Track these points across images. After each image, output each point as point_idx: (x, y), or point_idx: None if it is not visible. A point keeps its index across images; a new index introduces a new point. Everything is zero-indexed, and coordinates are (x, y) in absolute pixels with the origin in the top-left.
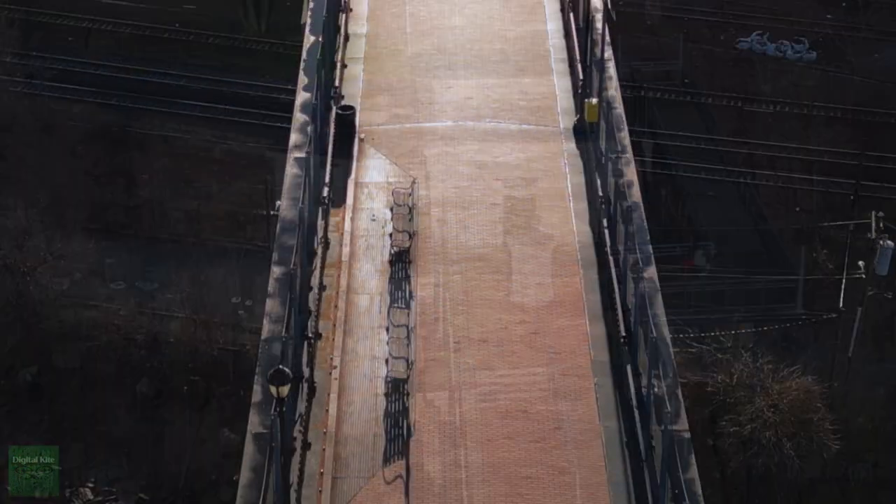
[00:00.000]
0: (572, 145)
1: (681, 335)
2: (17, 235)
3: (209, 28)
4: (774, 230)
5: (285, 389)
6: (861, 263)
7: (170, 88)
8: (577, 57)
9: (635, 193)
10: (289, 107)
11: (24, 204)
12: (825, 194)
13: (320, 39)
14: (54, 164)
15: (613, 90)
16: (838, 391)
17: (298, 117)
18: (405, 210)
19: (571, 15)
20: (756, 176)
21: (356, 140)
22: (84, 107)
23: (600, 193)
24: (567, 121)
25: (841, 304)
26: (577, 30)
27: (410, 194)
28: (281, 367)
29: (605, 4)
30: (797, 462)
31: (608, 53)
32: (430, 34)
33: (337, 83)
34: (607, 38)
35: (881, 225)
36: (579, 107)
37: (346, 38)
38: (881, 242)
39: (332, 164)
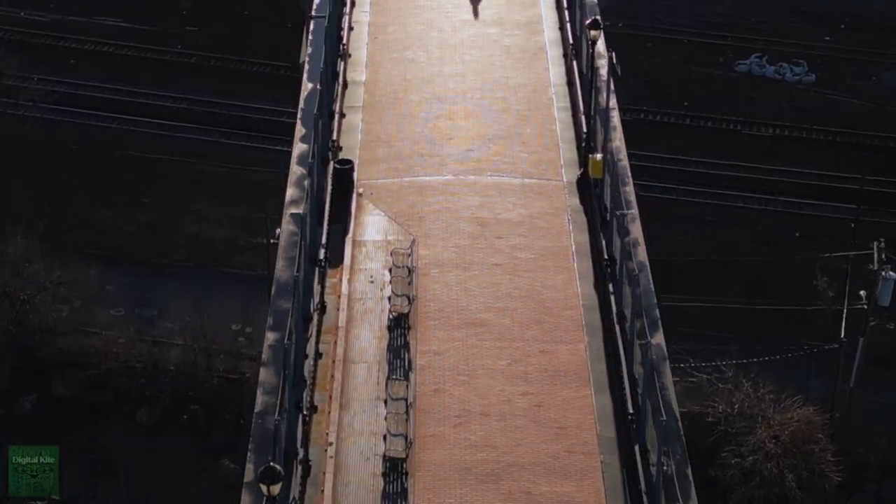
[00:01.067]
0: (576, 200)
1: (681, 364)
2: (17, 262)
3: (211, 50)
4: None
5: (276, 488)
6: (862, 293)
7: (171, 111)
8: (581, 106)
9: (641, 253)
10: (289, 129)
11: (24, 230)
12: (826, 219)
13: (318, 87)
14: (55, 187)
15: (618, 141)
16: (840, 421)
17: (295, 170)
18: (404, 272)
19: (574, 62)
20: (755, 200)
21: (354, 195)
22: (85, 129)
23: (605, 256)
24: (570, 174)
25: (842, 334)
26: (580, 76)
27: (410, 255)
28: (272, 464)
29: (611, 60)
30: (799, 494)
31: (612, 102)
32: (431, 81)
33: (335, 135)
34: (612, 86)
35: (883, 256)
36: (583, 160)
37: (345, 85)
38: (883, 273)
39: (330, 222)
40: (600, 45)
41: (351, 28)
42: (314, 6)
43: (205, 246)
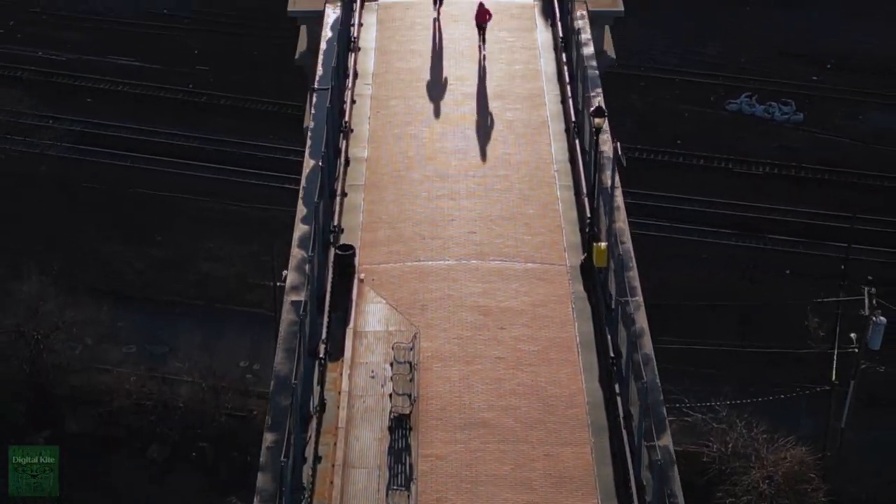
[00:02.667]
0: (580, 286)
1: (677, 405)
2: (31, 302)
3: (221, 89)
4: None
5: None
6: (853, 335)
7: (182, 149)
8: (584, 185)
9: (647, 344)
10: (297, 168)
11: (38, 270)
12: (815, 257)
13: (320, 164)
14: (69, 225)
15: (622, 222)
16: (831, 461)
17: (296, 253)
18: (406, 368)
19: (576, 139)
20: (746, 238)
21: (355, 281)
22: (99, 168)
23: (611, 354)
24: (574, 257)
25: (833, 377)
26: (583, 153)
27: (411, 349)
28: None
29: (615, 151)
30: None
31: (617, 188)
32: (433, 158)
33: (336, 216)
34: (615, 175)
35: (874, 302)
36: (587, 244)
37: (347, 162)
38: (874, 318)
39: (330, 310)
40: (602, 125)
41: (353, 101)
42: (317, 78)
43: (215, 284)
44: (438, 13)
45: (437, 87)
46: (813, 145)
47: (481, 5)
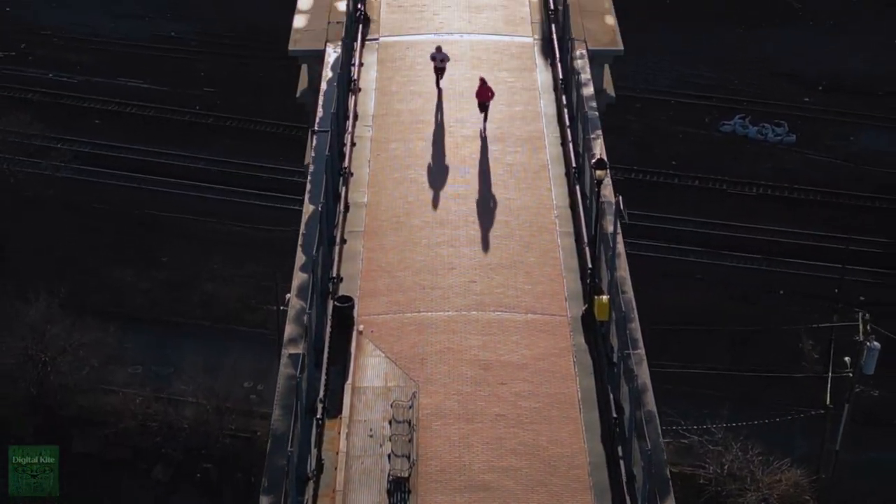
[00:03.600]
0: (581, 339)
1: (673, 427)
2: (39, 325)
3: (227, 111)
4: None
5: None
6: (847, 359)
7: (188, 171)
8: (584, 232)
9: (649, 401)
10: (301, 189)
11: (46, 292)
12: (809, 277)
13: (319, 209)
14: (76, 248)
15: (623, 270)
16: (826, 482)
17: (294, 303)
18: (405, 428)
19: (577, 185)
20: (741, 259)
21: (354, 333)
22: (106, 189)
23: (614, 415)
24: (575, 308)
25: (828, 401)
26: (583, 198)
27: (410, 407)
28: None
29: (618, 205)
30: None
31: (618, 230)
32: (433, 204)
33: (336, 266)
34: (618, 228)
35: (868, 328)
36: (588, 294)
37: (347, 208)
38: (868, 344)
39: (329, 363)
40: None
41: (353, 144)
42: (317, 120)
43: (219, 304)
44: (438, 83)
45: (437, 130)
46: (805, 166)
47: (483, 82)
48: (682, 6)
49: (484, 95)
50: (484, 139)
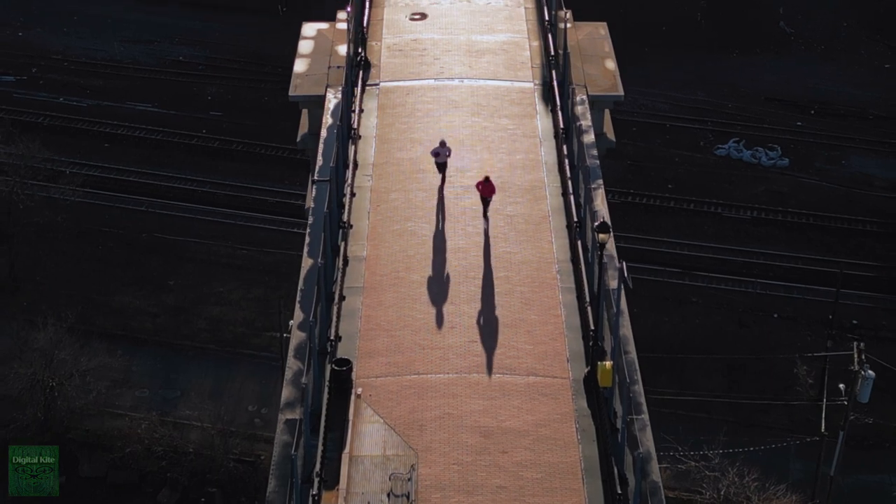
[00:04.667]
0: (583, 403)
1: (670, 452)
2: (47, 350)
3: (233, 135)
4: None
5: None
6: (842, 386)
7: (196, 194)
8: (586, 288)
9: (654, 470)
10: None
11: (54, 317)
12: (803, 301)
13: (319, 262)
14: (85, 272)
15: (625, 328)
16: None
17: (292, 364)
18: (403, 502)
19: (578, 240)
20: (735, 282)
21: (352, 397)
22: (114, 212)
23: (617, 490)
24: (577, 369)
25: (823, 428)
26: (584, 251)
27: (409, 480)
28: None
29: (621, 272)
30: None
31: (621, 292)
32: (433, 258)
33: (335, 325)
34: (622, 294)
35: (862, 357)
36: (590, 355)
37: (346, 261)
38: (863, 372)
39: (326, 430)
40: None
41: (353, 194)
42: (317, 168)
43: (225, 328)
44: (442, 179)
45: (436, 179)
46: (798, 189)
47: (487, 180)
48: (678, 32)
49: (487, 192)
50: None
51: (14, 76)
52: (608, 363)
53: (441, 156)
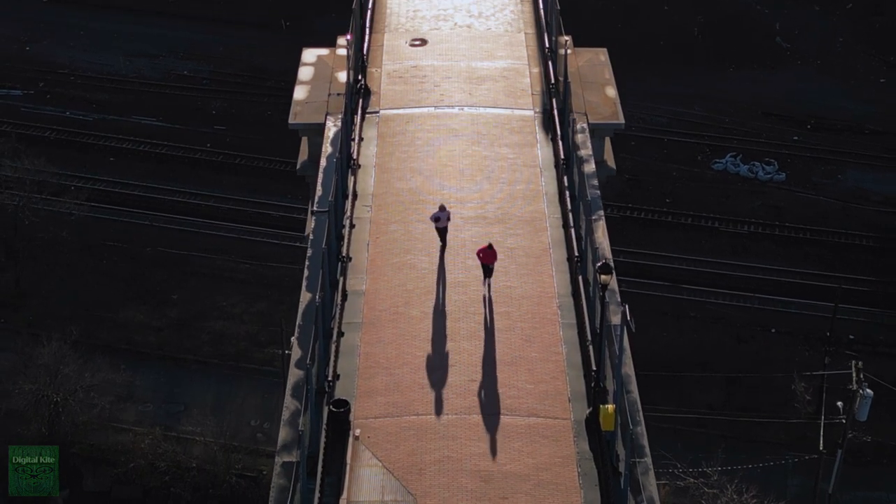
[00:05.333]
0: (585, 445)
1: (669, 470)
2: (51, 366)
3: (237, 149)
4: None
5: None
6: (839, 404)
7: (199, 208)
8: (587, 325)
9: None
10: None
11: (59, 333)
12: (800, 315)
13: (317, 299)
14: (90, 286)
15: (628, 368)
16: None
17: (289, 404)
18: None
19: (580, 275)
20: (733, 297)
21: (350, 439)
22: (118, 226)
23: None
24: (578, 410)
25: (821, 447)
26: (585, 285)
27: None
28: None
29: (624, 315)
30: None
31: (623, 336)
32: (432, 292)
33: (332, 363)
34: (625, 336)
35: (861, 376)
36: (591, 395)
37: (345, 296)
38: (861, 391)
39: (323, 473)
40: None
41: (353, 226)
42: (316, 199)
43: (228, 342)
44: (442, 244)
45: (436, 210)
46: (795, 204)
47: (490, 246)
48: (675, 47)
49: (489, 259)
50: (484, 218)
51: (22, 90)
52: (610, 407)
53: (441, 220)
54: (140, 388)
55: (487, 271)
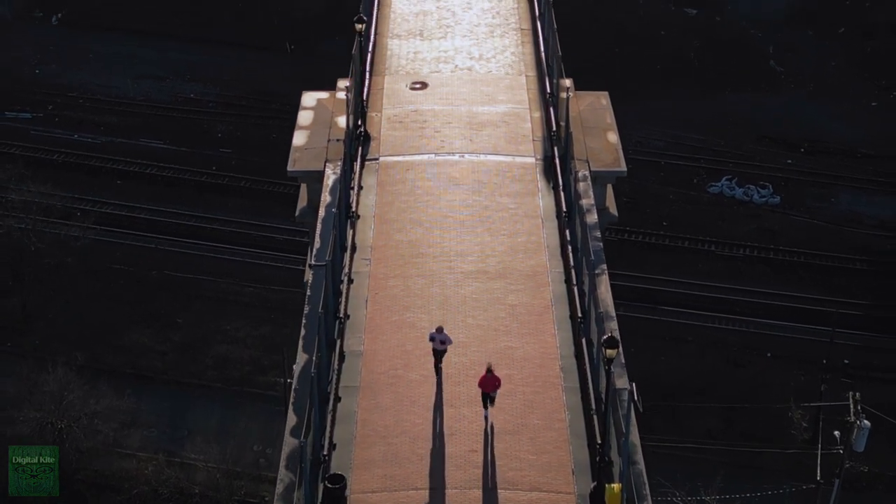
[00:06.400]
0: None
1: (669, 497)
2: (56, 394)
3: (242, 172)
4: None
5: None
6: (836, 434)
7: (204, 231)
8: (591, 391)
9: None
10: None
11: (64, 360)
12: (795, 340)
13: (314, 366)
14: (95, 310)
15: (634, 436)
16: None
17: (284, 477)
18: None
19: (583, 337)
20: (729, 321)
21: None
22: (125, 249)
23: None
24: (582, 483)
25: (818, 477)
26: (588, 346)
27: None
28: None
29: (631, 395)
30: None
31: (630, 415)
32: (432, 354)
33: (328, 431)
34: (631, 415)
35: (859, 408)
36: (596, 472)
37: (342, 357)
38: (858, 422)
39: None
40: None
41: (351, 281)
42: (314, 251)
43: (232, 366)
44: (438, 366)
45: (437, 263)
46: (789, 227)
47: (490, 371)
48: (672, 70)
49: (490, 386)
50: (485, 273)
51: (31, 113)
52: (616, 486)
53: (437, 342)
54: (144, 412)
55: (488, 400)
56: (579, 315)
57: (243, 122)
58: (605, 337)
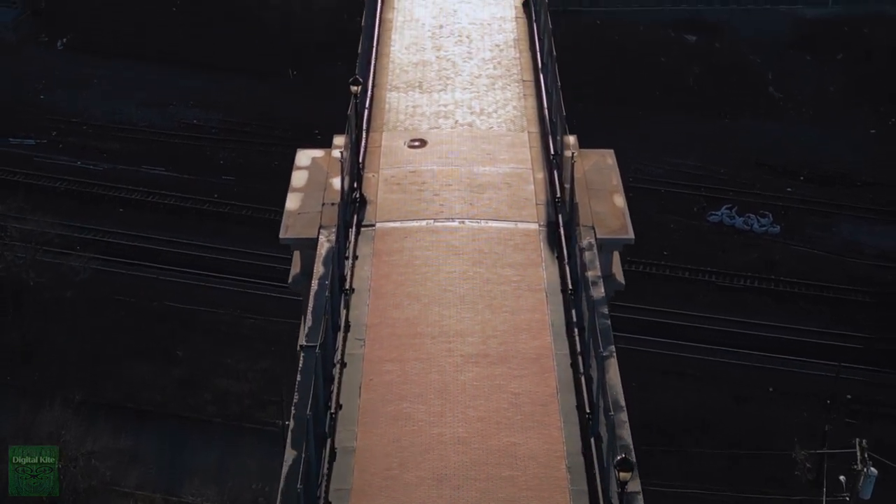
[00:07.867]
0: None
1: None
2: (53, 434)
3: (244, 199)
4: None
5: None
6: (842, 478)
7: (204, 261)
8: (600, 496)
9: None
10: None
11: (62, 397)
12: (798, 374)
13: (303, 458)
14: (94, 343)
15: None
16: None
17: None
18: None
19: (592, 436)
20: (730, 354)
21: None
22: (124, 279)
23: None
24: None
25: None
26: (597, 442)
27: None
28: None
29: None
30: None
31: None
32: (429, 451)
33: None
34: None
35: (865, 455)
36: None
37: (333, 455)
38: (865, 470)
39: None
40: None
41: (344, 364)
42: (305, 331)
43: (232, 401)
44: None
45: (435, 346)
46: (790, 257)
47: None
48: (670, 98)
49: None
50: (486, 356)
51: (35, 139)
52: None
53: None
54: (143, 449)
55: None
56: (587, 411)
57: (245, 149)
58: (618, 459)
